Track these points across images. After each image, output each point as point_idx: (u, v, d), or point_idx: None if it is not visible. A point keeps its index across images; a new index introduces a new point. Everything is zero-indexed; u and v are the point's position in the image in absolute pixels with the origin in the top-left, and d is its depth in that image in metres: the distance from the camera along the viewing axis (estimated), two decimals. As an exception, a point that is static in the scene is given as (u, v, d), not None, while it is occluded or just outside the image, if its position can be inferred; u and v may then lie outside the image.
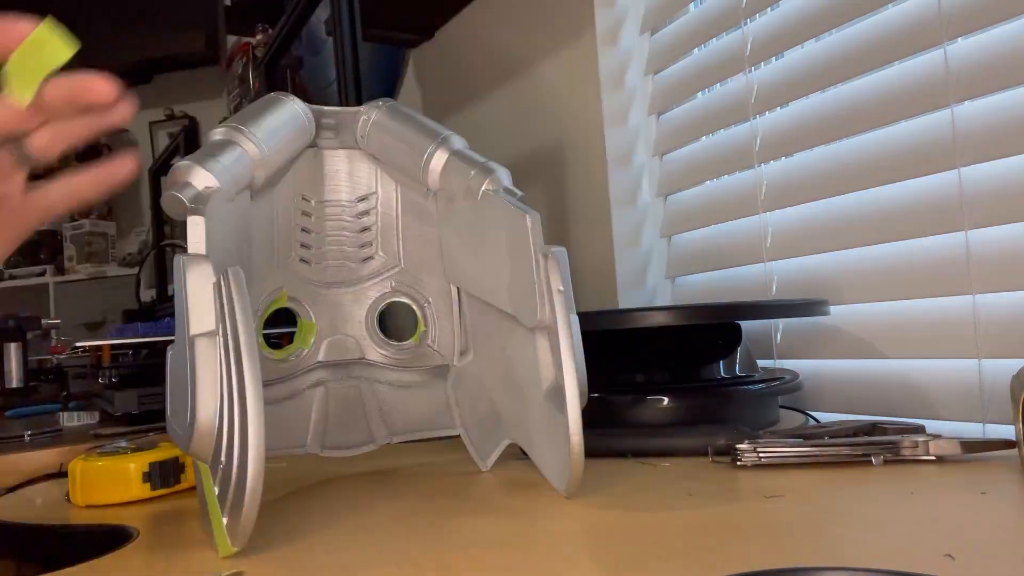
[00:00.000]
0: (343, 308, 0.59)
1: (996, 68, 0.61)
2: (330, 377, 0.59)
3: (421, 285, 0.60)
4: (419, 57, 1.51)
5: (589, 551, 0.36)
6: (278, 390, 0.57)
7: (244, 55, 2.05)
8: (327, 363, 0.59)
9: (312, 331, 0.59)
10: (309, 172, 0.57)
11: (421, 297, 0.60)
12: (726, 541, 0.35)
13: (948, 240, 0.66)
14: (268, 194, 0.56)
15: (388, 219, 0.59)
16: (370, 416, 0.58)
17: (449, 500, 0.49)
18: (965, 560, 0.31)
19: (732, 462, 0.52)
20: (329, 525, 0.45)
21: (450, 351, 0.59)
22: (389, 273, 0.60)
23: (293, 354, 0.59)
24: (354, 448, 0.58)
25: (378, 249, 0.59)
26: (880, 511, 0.39)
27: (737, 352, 0.69)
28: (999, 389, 0.62)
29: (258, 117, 0.51)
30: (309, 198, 0.58)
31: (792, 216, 0.82)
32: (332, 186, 0.58)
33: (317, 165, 0.58)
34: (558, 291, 0.45)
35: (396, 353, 0.60)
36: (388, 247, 0.60)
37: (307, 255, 0.58)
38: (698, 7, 0.94)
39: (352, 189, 0.59)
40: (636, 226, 1.01)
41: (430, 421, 0.59)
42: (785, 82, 0.80)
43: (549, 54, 1.11)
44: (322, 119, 0.56)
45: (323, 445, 0.57)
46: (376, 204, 0.59)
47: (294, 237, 0.58)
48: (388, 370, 0.60)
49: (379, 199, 0.59)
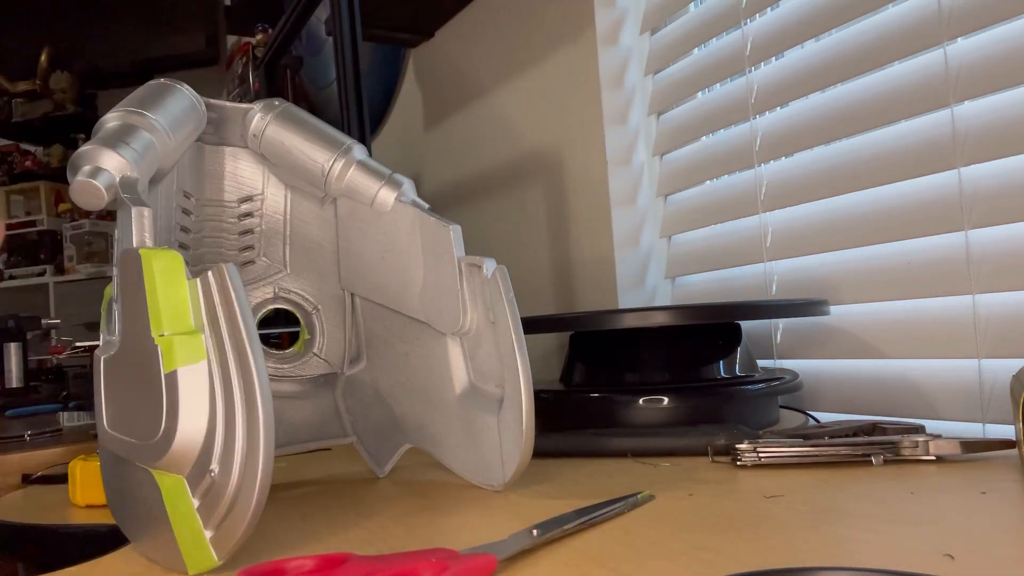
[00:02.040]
0: None
1: (996, 68, 0.61)
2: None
3: (309, 292, 0.58)
4: (419, 57, 1.51)
5: (589, 551, 0.36)
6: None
7: (244, 55, 2.05)
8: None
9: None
10: (191, 168, 0.54)
11: (308, 304, 0.58)
12: (726, 541, 0.35)
13: (948, 240, 0.66)
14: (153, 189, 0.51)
15: (274, 223, 0.57)
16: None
17: (443, 508, 0.49)
18: (965, 560, 0.31)
19: (732, 462, 0.52)
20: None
21: (339, 359, 0.58)
22: (271, 278, 0.57)
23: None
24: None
25: (260, 253, 0.57)
26: (880, 511, 0.39)
27: (737, 352, 0.69)
28: (999, 389, 0.62)
29: (158, 102, 0.47)
30: (190, 195, 0.54)
31: (792, 216, 0.82)
32: (213, 185, 0.55)
33: (199, 161, 0.54)
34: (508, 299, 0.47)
35: (277, 363, 0.57)
36: (272, 252, 0.57)
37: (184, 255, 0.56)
38: (698, 7, 0.94)
39: (235, 189, 0.56)
40: (636, 226, 1.01)
41: (317, 431, 0.57)
42: (785, 82, 0.80)
43: (549, 54, 1.12)
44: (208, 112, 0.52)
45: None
46: (261, 207, 0.56)
47: (173, 236, 0.54)
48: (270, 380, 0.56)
49: (264, 201, 0.56)
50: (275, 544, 0.42)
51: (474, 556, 0.32)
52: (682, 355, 0.68)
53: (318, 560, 0.33)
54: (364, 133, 1.02)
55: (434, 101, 1.47)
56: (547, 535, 0.36)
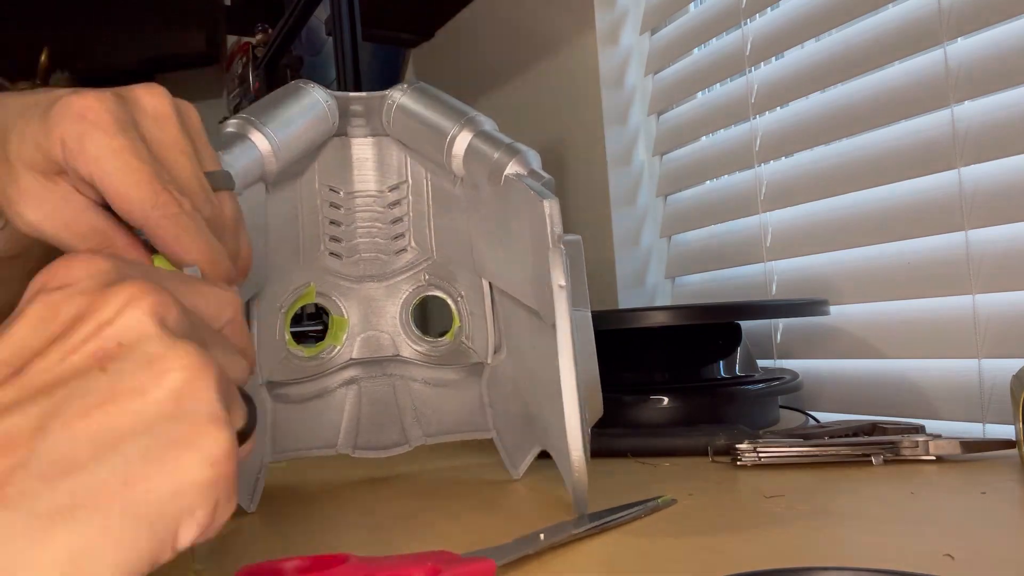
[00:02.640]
0: (376, 303, 0.57)
1: (996, 68, 0.61)
2: (363, 375, 0.56)
3: (454, 278, 0.57)
4: (419, 57, 1.51)
5: (589, 551, 0.36)
6: (307, 388, 0.55)
7: (244, 55, 2.05)
8: (360, 360, 0.56)
9: (344, 327, 0.56)
10: (336, 162, 0.55)
11: (455, 291, 0.57)
12: (726, 541, 0.35)
13: (948, 240, 0.66)
14: (290, 187, 0.53)
15: (419, 209, 0.56)
16: (404, 416, 0.56)
17: (443, 508, 0.49)
18: (965, 560, 0.31)
19: (732, 462, 0.52)
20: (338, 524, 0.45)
21: (484, 349, 0.56)
22: (423, 266, 0.57)
23: (324, 351, 0.56)
24: (388, 449, 0.55)
25: (411, 240, 0.57)
26: (880, 511, 0.39)
27: (737, 352, 0.69)
28: (999, 389, 0.62)
29: (273, 107, 0.49)
30: (337, 189, 0.55)
31: (792, 216, 0.82)
32: (361, 175, 0.55)
33: (345, 154, 0.55)
34: (558, 286, 0.42)
35: (432, 350, 0.57)
36: (421, 238, 0.57)
37: (337, 248, 0.56)
38: (698, 7, 0.94)
39: (382, 178, 0.56)
40: (636, 226, 1.01)
41: (465, 422, 0.56)
42: (785, 82, 0.80)
43: (549, 54, 1.11)
44: (350, 106, 0.53)
45: (355, 445, 0.55)
46: (407, 193, 0.56)
47: (322, 230, 0.55)
48: (423, 367, 0.57)
49: (410, 188, 0.56)
50: (275, 544, 0.42)
51: (472, 560, 0.32)
52: (682, 355, 0.68)
53: (316, 560, 0.33)
54: (364, 133, 1.02)
55: (434, 101, 1.47)
56: (553, 539, 0.36)
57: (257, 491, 0.50)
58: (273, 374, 0.54)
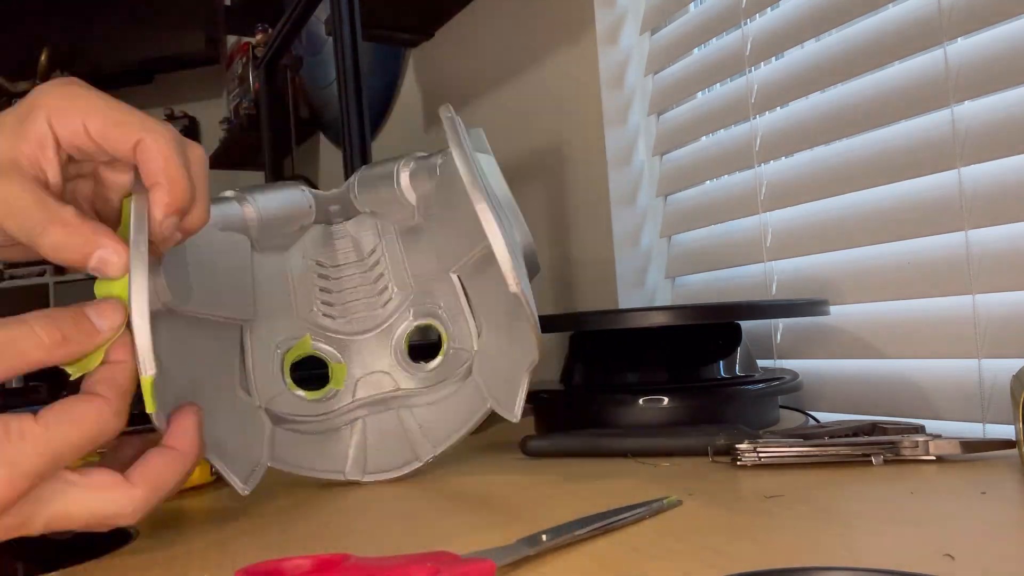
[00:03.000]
0: (371, 349, 0.61)
1: (996, 68, 0.61)
2: (368, 412, 0.60)
3: (433, 297, 0.61)
4: (419, 57, 1.51)
5: (589, 551, 0.36)
6: (313, 426, 0.59)
7: (244, 55, 2.05)
8: (363, 401, 0.60)
9: (344, 372, 0.60)
10: (321, 242, 0.62)
11: (437, 309, 0.61)
12: (726, 541, 0.35)
13: (948, 240, 0.66)
14: (279, 256, 0.60)
15: (393, 255, 0.62)
16: (411, 436, 0.59)
17: (443, 508, 0.49)
18: (965, 560, 0.31)
19: (732, 462, 0.52)
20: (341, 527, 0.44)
21: (469, 342, 0.59)
22: (407, 303, 0.62)
23: (327, 395, 0.60)
24: (398, 468, 0.57)
25: (393, 288, 0.62)
26: (880, 511, 0.39)
27: (737, 352, 0.69)
28: (999, 389, 0.62)
29: (261, 187, 0.58)
30: (324, 263, 0.62)
31: (792, 216, 0.82)
32: (343, 249, 0.62)
33: (327, 237, 0.62)
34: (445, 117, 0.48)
35: (429, 373, 0.60)
36: (400, 280, 0.62)
37: (330, 311, 0.61)
38: (698, 7, 0.94)
39: (361, 248, 0.62)
40: (636, 226, 1.01)
41: (467, 415, 0.58)
42: (785, 82, 0.80)
43: (549, 54, 1.12)
44: (328, 206, 0.60)
45: (364, 471, 0.57)
46: (383, 251, 0.62)
47: (314, 296, 0.61)
48: (425, 393, 0.60)
49: (383, 245, 0.62)
50: (274, 544, 0.42)
51: (472, 561, 0.32)
52: (682, 355, 0.68)
53: (316, 560, 0.33)
54: (364, 133, 1.02)
55: (434, 101, 1.47)
56: (556, 540, 0.36)
57: (252, 477, 0.51)
58: (273, 404, 0.57)
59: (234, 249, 0.56)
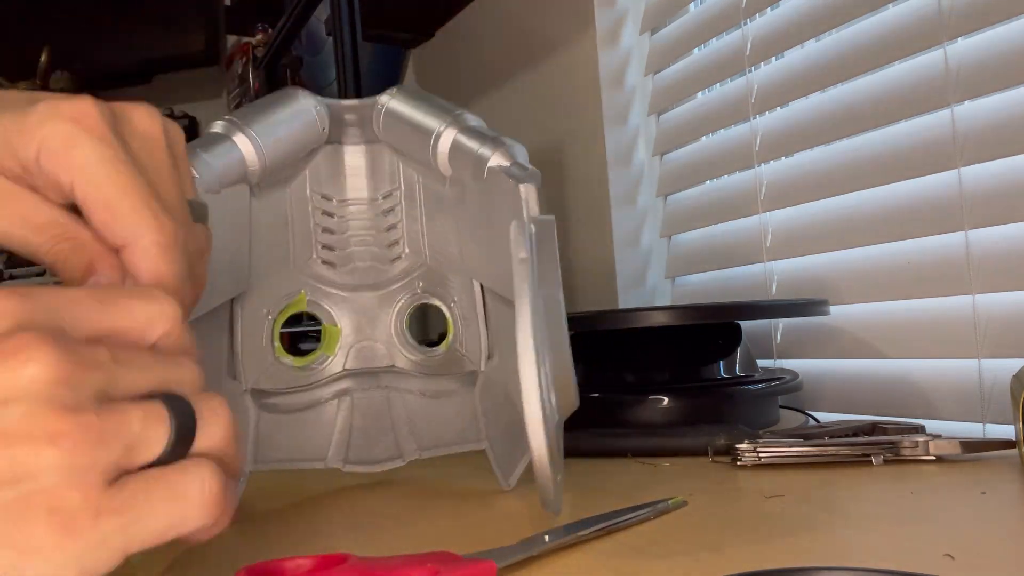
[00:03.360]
0: (370, 312, 0.55)
1: (996, 68, 0.61)
2: (356, 386, 0.55)
3: (447, 284, 0.56)
4: (419, 57, 1.51)
5: (589, 551, 0.36)
6: (297, 399, 0.54)
7: (244, 55, 2.05)
8: (353, 371, 0.55)
9: (337, 337, 0.55)
10: (329, 169, 0.54)
11: (449, 297, 0.56)
12: (726, 541, 0.35)
13: (948, 240, 0.66)
14: (279, 193, 0.53)
15: (413, 214, 0.55)
16: (398, 429, 0.54)
17: (443, 508, 0.49)
18: (965, 560, 0.31)
19: (732, 462, 0.52)
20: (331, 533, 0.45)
21: (477, 355, 0.55)
22: (417, 273, 0.56)
23: (315, 361, 0.55)
24: (381, 463, 0.53)
25: (405, 247, 0.55)
26: (880, 511, 0.39)
27: (737, 352, 0.69)
28: (999, 389, 0.62)
29: (260, 111, 0.48)
30: (330, 196, 0.54)
31: (792, 216, 0.82)
32: (354, 183, 0.54)
33: (337, 162, 0.54)
34: (519, 259, 0.37)
35: (427, 359, 0.56)
36: (415, 245, 0.55)
37: (330, 257, 0.55)
38: (698, 7, 0.94)
39: (375, 186, 0.54)
40: (636, 226, 1.01)
41: (459, 434, 0.54)
42: (785, 82, 0.80)
43: (549, 54, 1.11)
44: (344, 115, 0.52)
45: (346, 460, 0.53)
46: (400, 200, 0.55)
47: (315, 238, 0.54)
48: (419, 378, 0.55)
49: (403, 194, 0.55)
50: (274, 543, 0.42)
51: (472, 561, 0.32)
52: (682, 355, 0.68)
53: (317, 560, 0.33)
54: (364, 133, 1.01)
55: (434, 101, 1.47)
56: (559, 541, 0.36)
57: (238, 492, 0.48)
58: (259, 382, 0.53)
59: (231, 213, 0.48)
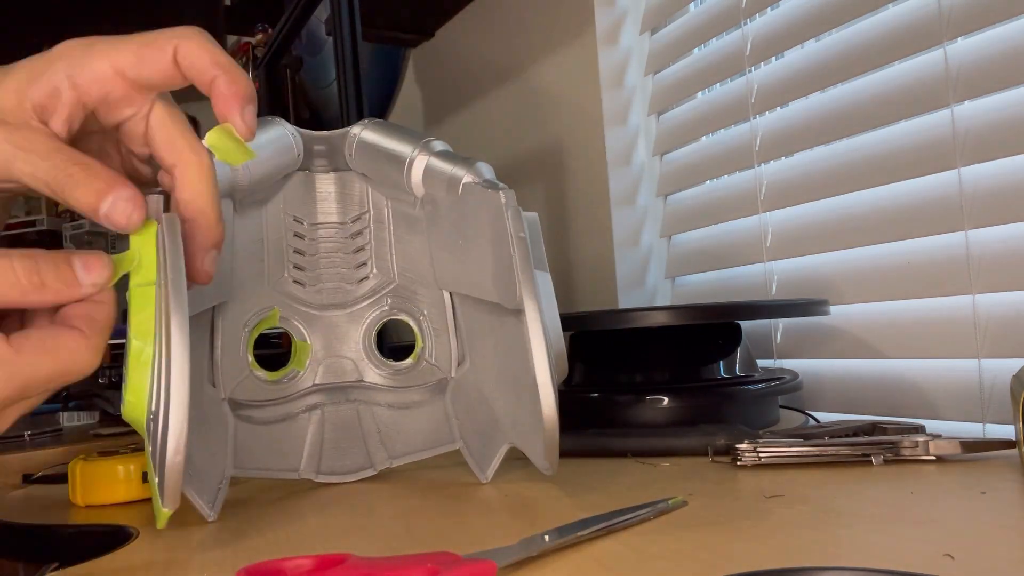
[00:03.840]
0: (339, 329, 0.58)
1: (996, 68, 0.61)
2: (327, 400, 0.57)
3: (416, 299, 0.59)
4: (419, 57, 1.51)
5: (589, 551, 0.36)
6: (270, 412, 0.56)
7: (244, 55, 2.05)
8: (323, 386, 0.57)
9: (307, 352, 0.57)
10: (301, 194, 0.57)
11: (417, 311, 0.59)
12: (726, 541, 0.35)
13: (948, 240, 0.66)
14: (256, 213, 0.56)
15: (381, 236, 0.58)
16: (368, 440, 0.56)
17: (443, 508, 0.49)
18: (965, 560, 0.31)
19: (732, 462, 0.52)
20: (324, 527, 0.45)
21: (447, 363, 0.58)
22: (385, 291, 0.58)
23: (287, 376, 0.57)
24: (352, 473, 0.56)
25: (373, 267, 0.58)
26: (880, 511, 0.39)
27: (737, 352, 0.69)
28: (999, 389, 0.62)
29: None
30: (301, 219, 0.57)
31: (792, 216, 0.82)
32: (324, 208, 0.58)
33: (309, 188, 0.57)
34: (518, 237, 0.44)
35: (395, 373, 0.58)
36: (382, 265, 0.58)
37: (301, 277, 0.57)
38: (698, 7, 0.94)
39: (344, 210, 0.58)
40: (636, 226, 1.01)
41: (431, 439, 0.57)
42: (785, 82, 0.80)
43: (549, 54, 1.12)
44: (314, 145, 0.56)
45: (318, 470, 0.55)
46: (369, 223, 0.58)
47: (286, 258, 0.57)
48: (388, 392, 0.58)
49: (371, 217, 0.58)
50: (274, 544, 0.42)
51: (472, 561, 0.32)
52: (682, 355, 0.68)
53: (317, 560, 0.33)
54: (364, 133, 1.01)
55: (434, 101, 1.47)
56: (559, 541, 0.36)
57: (218, 500, 0.49)
58: (235, 392, 0.55)
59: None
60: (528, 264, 0.43)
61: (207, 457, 0.50)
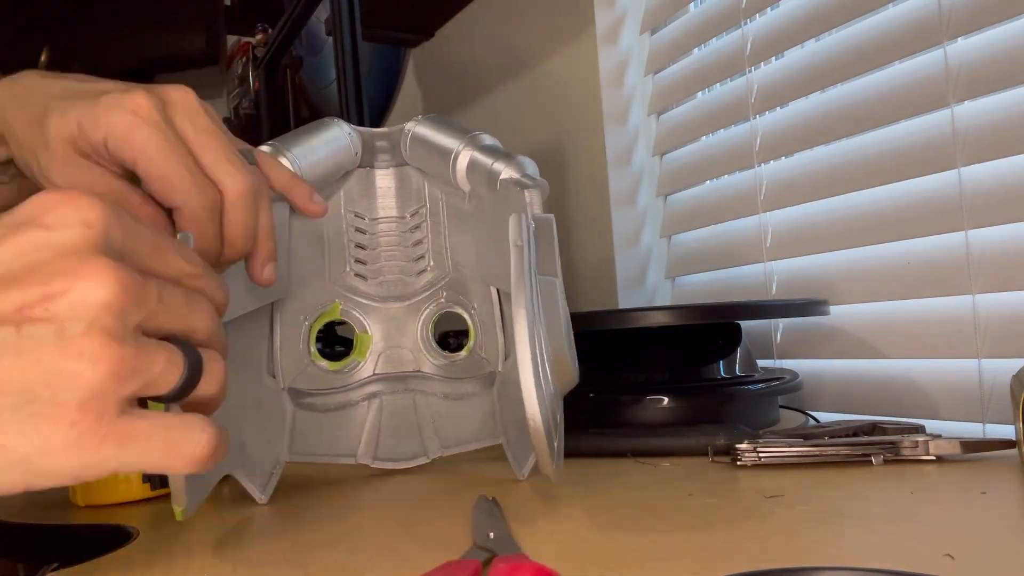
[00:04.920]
0: (398, 321, 0.60)
1: (996, 68, 0.61)
2: (385, 390, 0.60)
3: (468, 293, 0.60)
4: (419, 57, 1.51)
5: (589, 551, 0.36)
6: (331, 400, 0.59)
7: (244, 55, 2.05)
8: (382, 376, 0.60)
9: (368, 344, 0.60)
10: (361, 191, 0.59)
11: (469, 304, 0.60)
12: (726, 541, 0.35)
13: (948, 240, 0.66)
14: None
15: (437, 230, 0.60)
16: (423, 428, 0.59)
17: (455, 502, 0.49)
18: (965, 560, 0.31)
19: (732, 462, 0.52)
20: (335, 523, 0.45)
21: (495, 356, 0.59)
22: (441, 284, 0.60)
23: (348, 366, 0.59)
24: (406, 460, 0.58)
25: (430, 261, 0.60)
26: (880, 511, 0.39)
27: (737, 352, 0.69)
28: (999, 389, 0.62)
29: (300, 137, 0.54)
30: (363, 215, 0.59)
31: (792, 216, 0.82)
32: (384, 203, 0.60)
33: (368, 184, 0.59)
34: (515, 247, 0.42)
35: (451, 364, 0.60)
36: (439, 258, 0.60)
37: (363, 270, 0.60)
38: (698, 7, 0.94)
39: (403, 205, 0.60)
40: (636, 226, 1.01)
41: (480, 431, 0.59)
42: (785, 82, 0.80)
43: (549, 54, 1.11)
44: (375, 141, 0.58)
45: (375, 456, 0.57)
46: (426, 217, 0.60)
47: (348, 253, 0.59)
48: (443, 382, 0.60)
49: (428, 211, 0.60)
50: (274, 543, 0.42)
51: (463, 563, 0.32)
52: (682, 355, 0.68)
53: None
54: (364, 133, 1.01)
55: (434, 101, 1.47)
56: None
57: (270, 484, 0.52)
58: (295, 382, 0.58)
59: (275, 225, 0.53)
60: (521, 274, 0.42)
61: (262, 444, 0.52)
